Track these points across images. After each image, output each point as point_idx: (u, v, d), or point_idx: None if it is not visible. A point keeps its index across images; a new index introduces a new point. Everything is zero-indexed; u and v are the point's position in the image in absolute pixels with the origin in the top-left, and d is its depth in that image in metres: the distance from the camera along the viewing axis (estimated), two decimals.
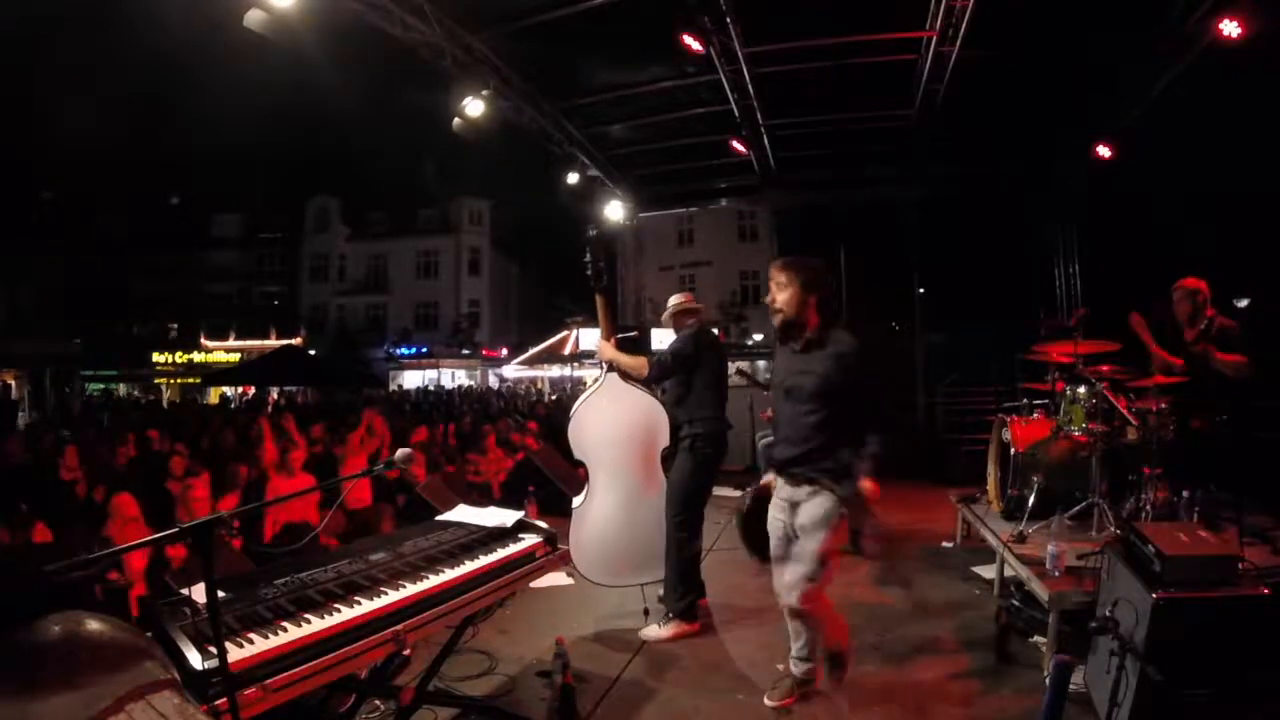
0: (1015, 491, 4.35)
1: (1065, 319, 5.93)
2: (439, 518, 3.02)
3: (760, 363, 13.96)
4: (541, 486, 6.47)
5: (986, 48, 6.55)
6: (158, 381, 29.83)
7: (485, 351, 30.67)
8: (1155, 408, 3.89)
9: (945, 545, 5.38)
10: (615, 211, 11.18)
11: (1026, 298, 9.56)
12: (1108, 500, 3.94)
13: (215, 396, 22.57)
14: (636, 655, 3.53)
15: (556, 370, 26.96)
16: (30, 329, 25.11)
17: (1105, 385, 4.11)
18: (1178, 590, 2.37)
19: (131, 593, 3.88)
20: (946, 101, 7.43)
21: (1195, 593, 2.37)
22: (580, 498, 3.92)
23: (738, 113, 8.22)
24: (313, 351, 25.32)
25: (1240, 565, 2.54)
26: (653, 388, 4.03)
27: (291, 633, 1.86)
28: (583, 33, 6.78)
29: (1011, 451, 4.45)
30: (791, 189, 10.59)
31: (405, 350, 30.15)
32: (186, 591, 1.78)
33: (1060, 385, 4.57)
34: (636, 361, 3.88)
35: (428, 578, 2.29)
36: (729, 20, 6.43)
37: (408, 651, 2.15)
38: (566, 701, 2.81)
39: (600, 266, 3.96)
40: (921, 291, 10.26)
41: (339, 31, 6.42)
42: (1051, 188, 9.41)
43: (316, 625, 1.92)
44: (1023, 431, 4.48)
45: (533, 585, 3.12)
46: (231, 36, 5.35)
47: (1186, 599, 2.36)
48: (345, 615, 1.99)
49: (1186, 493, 3.76)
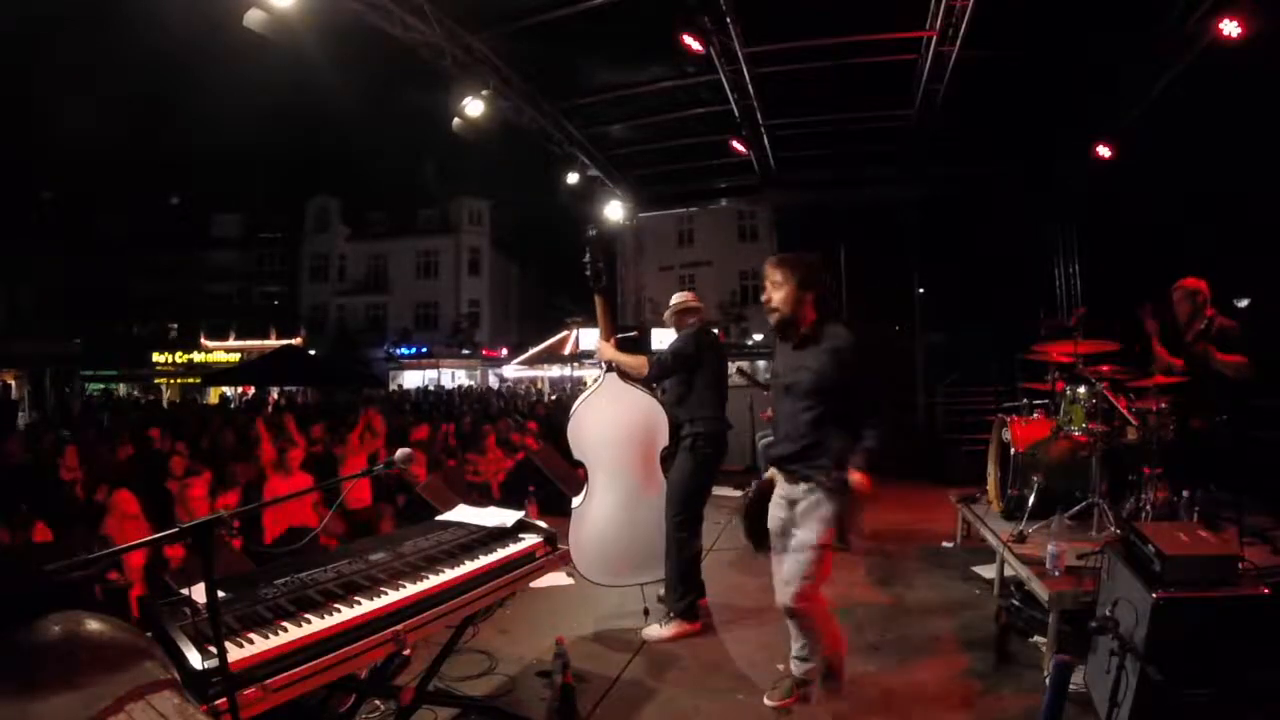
0: (1015, 491, 4.35)
1: (1065, 319, 5.93)
2: (439, 518, 3.02)
3: (760, 363, 13.94)
4: (541, 486, 6.47)
5: (986, 48, 6.55)
6: (158, 381, 29.84)
7: (485, 351, 30.67)
8: (1155, 408, 3.89)
9: (945, 545, 5.38)
10: (615, 211, 11.18)
11: (1026, 298, 9.56)
12: (1108, 500, 3.94)
13: (215, 396, 22.58)
14: (636, 655, 3.53)
15: (556, 370, 26.96)
16: (30, 329, 25.11)
17: (1105, 385, 4.11)
18: (1178, 590, 2.37)
19: (131, 592, 3.88)
20: (946, 101, 7.43)
21: (1195, 593, 2.37)
22: (580, 498, 3.92)
23: (738, 113, 8.22)
24: (313, 351, 25.34)
25: (1240, 565, 2.53)
26: (652, 388, 4.02)
27: (291, 633, 1.86)
28: (583, 33, 6.77)
29: (1011, 451, 4.45)
30: (791, 189, 10.60)
31: (405, 350, 30.15)
32: (186, 591, 1.78)
33: (1060, 385, 4.57)
34: (636, 361, 3.87)
35: (428, 578, 2.29)
36: (729, 20, 6.43)
37: (408, 651, 2.15)
38: (566, 701, 2.81)
39: (599, 267, 3.96)
40: (921, 291, 10.26)
41: (339, 31, 6.43)
42: (1051, 188, 9.40)
43: (316, 625, 1.92)
44: (1023, 431, 4.48)
45: (533, 585, 3.12)
46: (231, 36, 5.36)
47: (1186, 599, 2.36)
48: (345, 615, 1.99)
49: (1186, 493, 3.76)
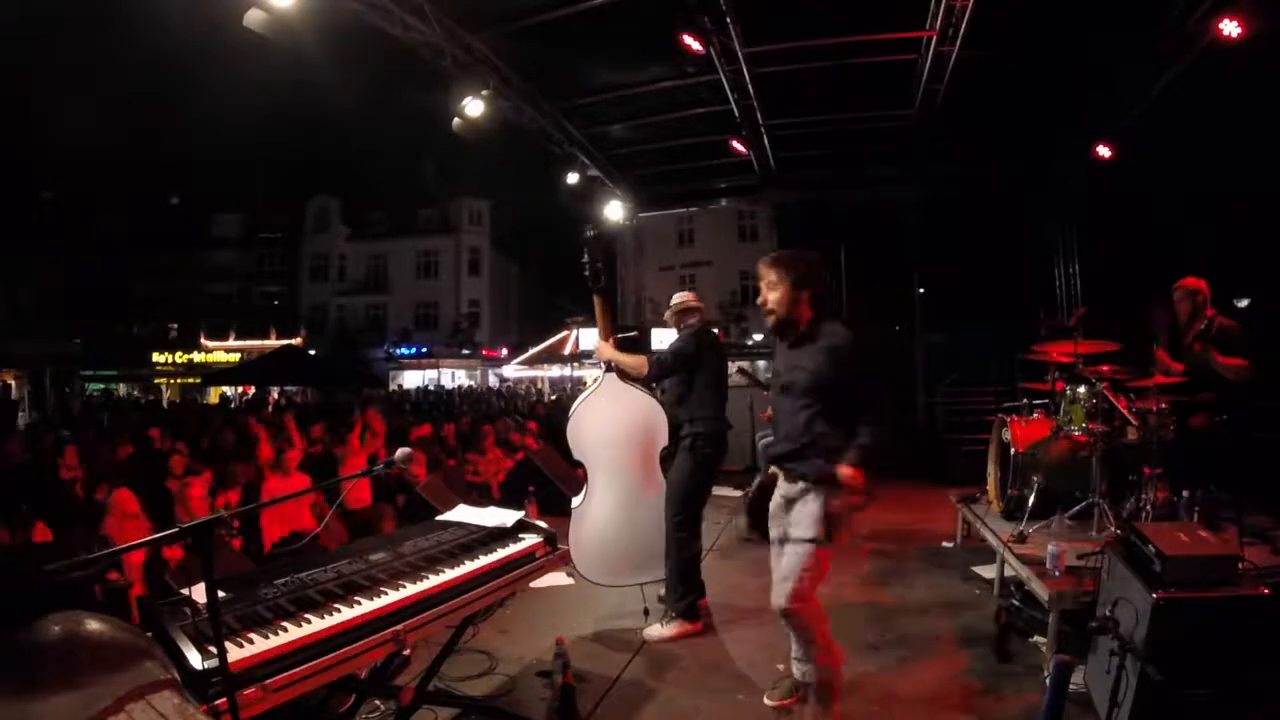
0: (1015, 491, 4.35)
1: (1065, 319, 5.93)
2: (439, 518, 3.02)
3: (760, 362, 13.95)
4: (541, 486, 6.47)
5: (986, 48, 6.55)
6: (158, 381, 29.85)
7: (485, 351, 30.68)
8: (1155, 408, 3.89)
9: (945, 545, 5.38)
10: (615, 211, 11.18)
11: (1026, 298, 9.57)
12: (1108, 500, 3.93)
13: (215, 396, 22.58)
14: (636, 655, 3.53)
15: (556, 370, 26.96)
16: (30, 329, 25.10)
17: (1105, 385, 4.11)
18: (1178, 590, 2.37)
19: (131, 592, 3.88)
20: (946, 101, 7.43)
21: (1195, 593, 2.37)
22: (579, 498, 3.92)
23: (738, 113, 8.22)
24: (313, 351, 25.33)
25: (1240, 565, 2.53)
26: (652, 388, 4.02)
27: (291, 633, 1.86)
28: (583, 33, 6.77)
29: (1011, 451, 4.45)
30: (791, 189, 10.60)
31: (405, 350, 30.15)
32: (186, 591, 1.78)
33: (1060, 385, 4.56)
34: (636, 361, 3.87)
35: (428, 578, 2.29)
36: (729, 20, 6.43)
37: (408, 651, 2.15)
38: (566, 701, 2.81)
39: (598, 267, 3.95)
40: (921, 291, 10.27)
41: (339, 31, 6.43)
42: (1051, 188, 9.40)
43: (316, 625, 1.92)
44: (1023, 431, 4.48)
45: (533, 585, 3.12)
46: (231, 36, 5.36)
47: (1186, 599, 2.36)
48: (345, 615, 1.99)
49: (1186, 493, 3.76)
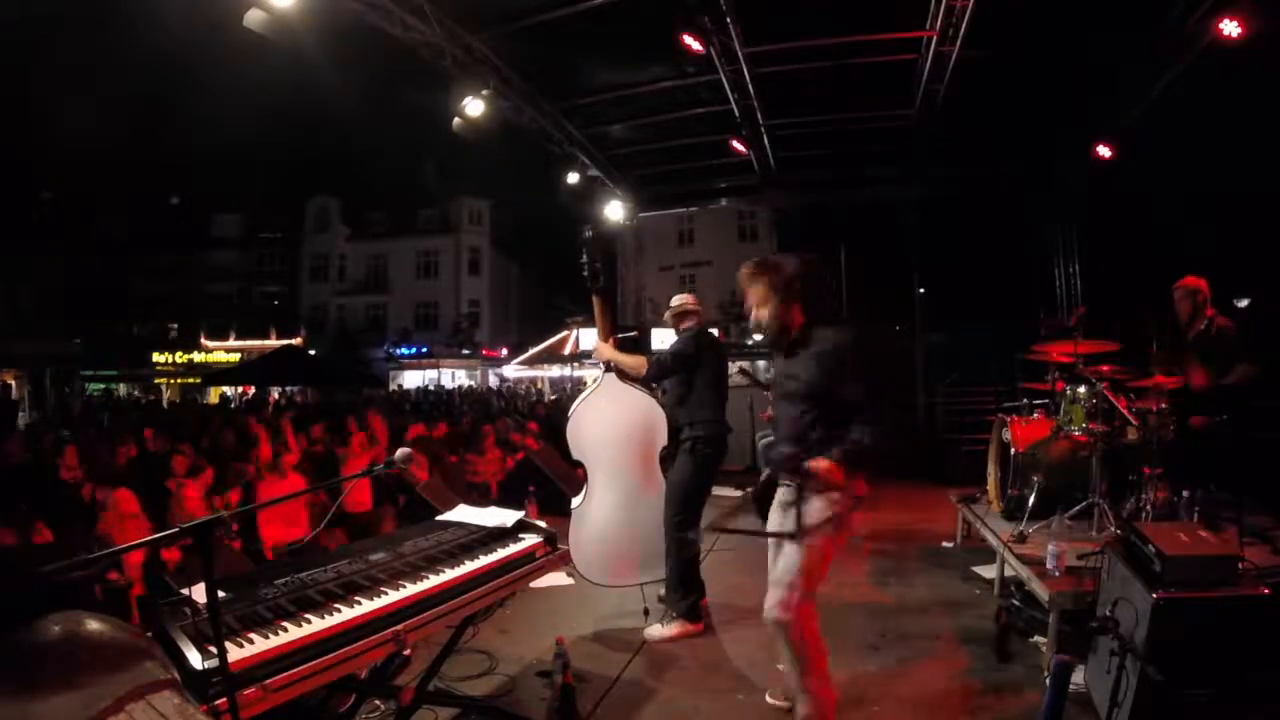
0: (1015, 491, 4.35)
1: (1065, 319, 5.93)
2: (439, 518, 3.01)
3: (760, 362, 13.95)
4: (542, 486, 6.47)
5: (986, 48, 6.55)
6: (158, 381, 29.85)
7: (485, 351, 30.67)
8: (1155, 408, 3.89)
9: (945, 545, 5.38)
10: (615, 211, 11.18)
11: (1026, 298, 9.57)
12: (1108, 500, 3.93)
13: (215, 396, 22.59)
14: (636, 655, 3.53)
15: (556, 370, 26.95)
16: (30, 329, 25.10)
17: (1105, 385, 4.11)
18: (1178, 590, 2.37)
19: (131, 592, 3.88)
20: (946, 101, 7.43)
21: (1195, 593, 2.37)
22: (579, 498, 3.92)
23: (738, 113, 8.22)
24: (313, 351, 25.33)
25: (1240, 565, 2.53)
26: (651, 388, 4.02)
27: (292, 633, 1.86)
28: (583, 33, 6.77)
29: (1011, 451, 4.45)
30: (791, 189, 10.60)
31: (405, 350, 30.15)
32: (186, 591, 1.78)
33: (1060, 385, 4.57)
34: (635, 361, 3.87)
35: (428, 578, 2.28)
36: (729, 20, 6.43)
37: (408, 651, 2.14)
38: (566, 701, 2.81)
39: (597, 267, 3.95)
40: (921, 291, 10.27)
41: (339, 31, 6.42)
42: (1051, 188, 9.41)
43: (317, 625, 1.92)
44: (1023, 431, 4.48)
45: (533, 585, 3.12)
46: (231, 36, 5.36)
47: (1187, 599, 2.36)
48: (345, 615, 1.99)
49: (1186, 493, 3.76)
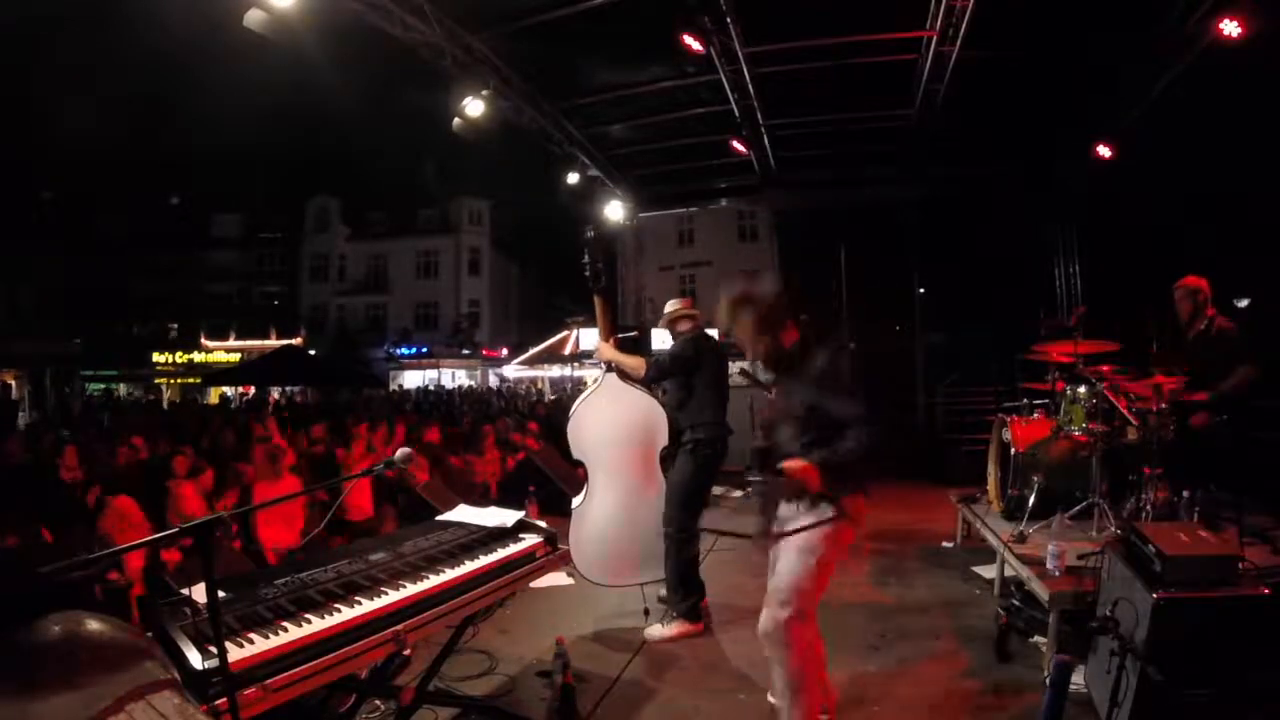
0: (1015, 491, 4.34)
1: (1065, 319, 5.93)
2: (439, 518, 3.02)
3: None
4: (542, 486, 6.46)
5: (986, 48, 6.56)
6: (158, 381, 29.84)
7: (485, 351, 30.68)
8: (1155, 408, 3.89)
9: (945, 545, 5.38)
10: (615, 211, 11.19)
11: (1026, 298, 9.56)
12: (1108, 500, 3.93)
13: (215, 396, 22.60)
14: (636, 655, 3.53)
15: (556, 370, 26.93)
16: (30, 329, 25.11)
17: (1105, 385, 4.11)
18: (1178, 590, 2.37)
19: (131, 592, 3.88)
20: (946, 101, 7.44)
21: (1195, 593, 2.37)
22: (580, 498, 3.93)
23: (738, 113, 8.22)
24: (313, 351, 25.33)
25: (1240, 565, 2.53)
26: (652, 388, 4.02)
27: (292, 633, 1.86)
28: (583, 33, 6.78)
29: (1012, 451, 4.44)
30: (791, 189, 10.60)
31: (405, 350, 30.16)
32: (186, 591, 1.78)
33: (1060, 385, 4.57)
34: (636, 361, 3.88)
35: (428, 578, 2.28)
36: (729, 20, 6.44)
37: (408, 651, 2.14)
38: (566, 701, 2.81)
39: (599, 267, 3.96)
40: (921, 291, 10.27)
41: (339, 31, 6.43)
42: (1051, 188, 9.41)
43: (317, 625, 1.92)
44: (1023, 431, 4.48)
45: (533, 585, 3.13)
46: (231, 36, 5.36)
47: (1187, 599, 2.36)
48: (345, 615, 1.99)
49: (1186, 493, 3.75)
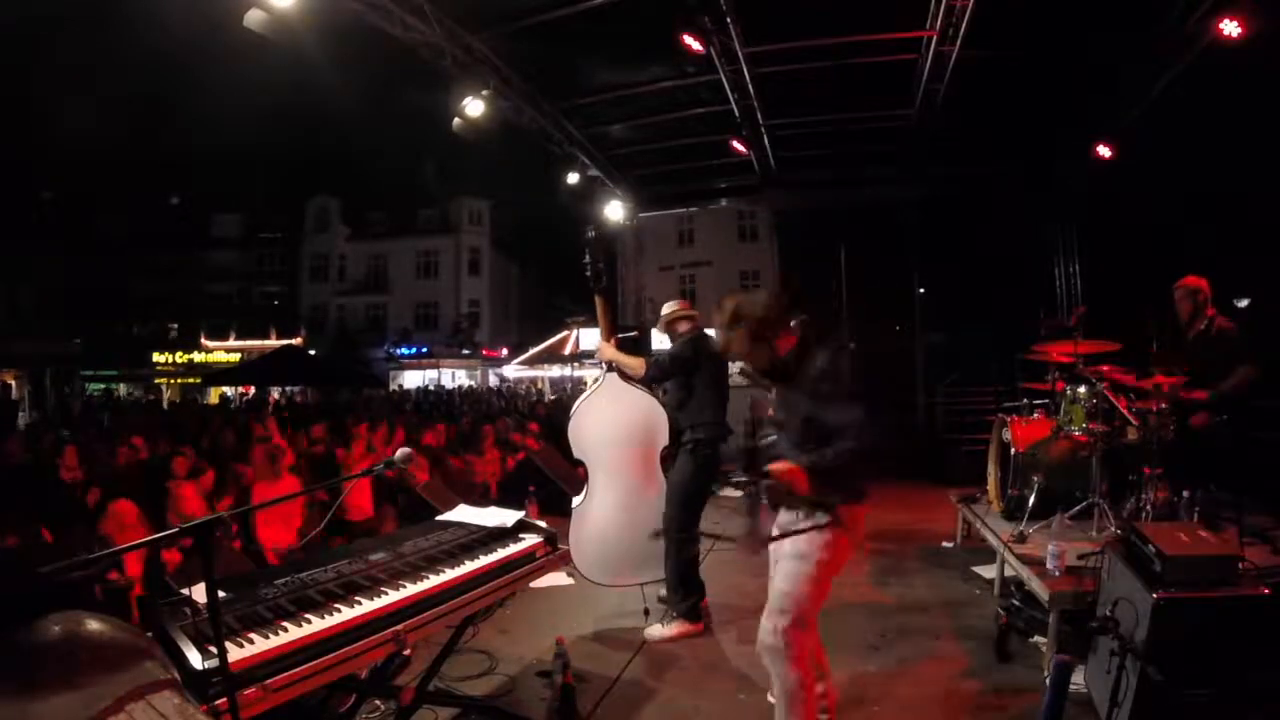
0: (1015, 491, 4.35)
1: (1065, 319, 5.93)
2: (439, 518, 3.02)
3: None
4: (542, 486, 6.46)
5: (986, 48, 6.56)
6: (158, 381, 29.84)
7: (485, 351, 30.67)
8: (1155, 408, 3.89)
9: (945, 545, 5.38)
10: (615, 211, 11.18)
11: (1026, 298, 9.56)
12: (1108, 500, 3.93)
13: (215, 396, 22.60)
14: (636, 655, 3.53)
15: (556, 370, 26.92)
16: (30, 329, 25.11)
17: (1105, 385, 4.11)
18: (1178, 590, 2.37)
19: (131, 592, 3.87)
20: (946, 101, 7.43)
21: (1195, 593, 2.37)
22: (580, 497, 3.93)
23: (738, 113, 8.22)
24: (313, 351, 25.34)
25: (1240, 565, 2.54)
26: (653, 388, 4.03)
27: (292, 633, 1.86)
28: (583, 33, 6.78)
29: (1012, 451, 4.45)
30: (791, 189, 10.60)
31: (405, 350, 30.15)
32: (186, 591, 1.78)
33: (1060, 385, 4.57)
34: (636, 362, 3.88)
35: (428, 578, 2.29)
36: (729, 20, 6.43)
37: (408, 651, 2.15)
38: (566, 701, 2.81)
39: (599, 267, 3.97)
40: (921, 291, 10.27)
41: (339, 31, 6.42)
42: (1051, 188, 9.41)
43: (317, 625, 1.92)
44: (1023, 431, 4.48)
45: (533, 585, 3.13)
46: (231, 36, 5.36)
47: (1187, 599, 2.36)
48: (345, 615, 1.99)
49: (1186, 493, 3.75)
